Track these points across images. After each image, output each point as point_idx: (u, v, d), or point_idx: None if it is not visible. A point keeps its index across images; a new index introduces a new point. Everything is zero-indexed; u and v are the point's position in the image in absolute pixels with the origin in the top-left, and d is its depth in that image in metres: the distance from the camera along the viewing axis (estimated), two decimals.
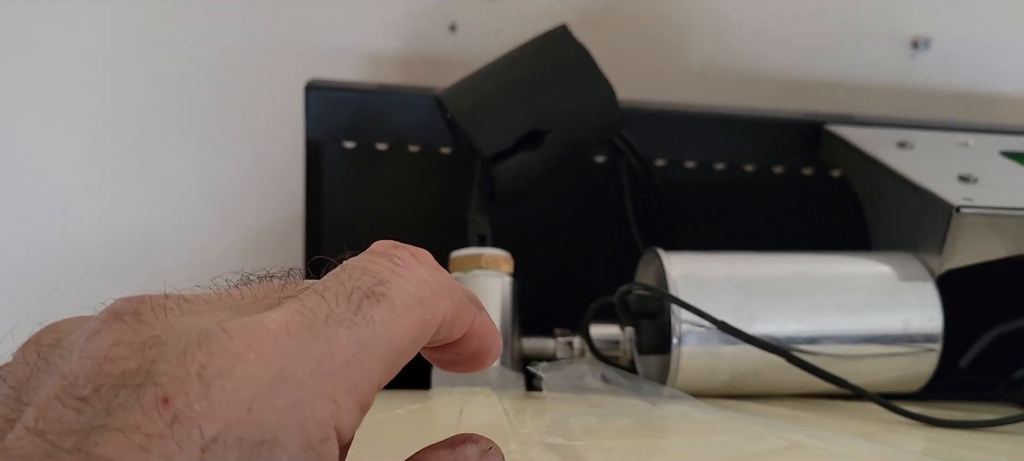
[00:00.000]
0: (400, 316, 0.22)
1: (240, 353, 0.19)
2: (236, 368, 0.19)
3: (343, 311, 0.21)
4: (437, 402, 0.46)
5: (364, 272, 0.23)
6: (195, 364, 0.19)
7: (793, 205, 0.68)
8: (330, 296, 0.22)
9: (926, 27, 0.79)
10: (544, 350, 0.54)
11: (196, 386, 0.18)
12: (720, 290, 0.49)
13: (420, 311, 0.23)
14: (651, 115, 0.66)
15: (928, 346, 0.50)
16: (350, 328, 0.21)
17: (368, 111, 0.63)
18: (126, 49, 0.73)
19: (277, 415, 0.19)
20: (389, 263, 0.23)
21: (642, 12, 0.76)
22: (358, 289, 0.22)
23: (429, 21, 0.75)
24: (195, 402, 0.18)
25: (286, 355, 0.20)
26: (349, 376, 0.21)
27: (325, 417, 0.20)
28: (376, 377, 0.22)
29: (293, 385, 0.19)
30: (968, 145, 0.62)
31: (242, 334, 0.20)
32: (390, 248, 0.24)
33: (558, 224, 0.68)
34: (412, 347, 0.23)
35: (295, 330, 0.20)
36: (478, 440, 0.28)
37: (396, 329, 0.22)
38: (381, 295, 0.22)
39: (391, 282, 0.23)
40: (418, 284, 0.23)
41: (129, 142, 0.76)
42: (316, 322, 0.21)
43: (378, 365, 0.22)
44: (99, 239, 0.79)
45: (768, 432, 0.44)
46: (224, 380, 0.19)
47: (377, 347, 0.21)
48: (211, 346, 0.19)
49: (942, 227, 0.50)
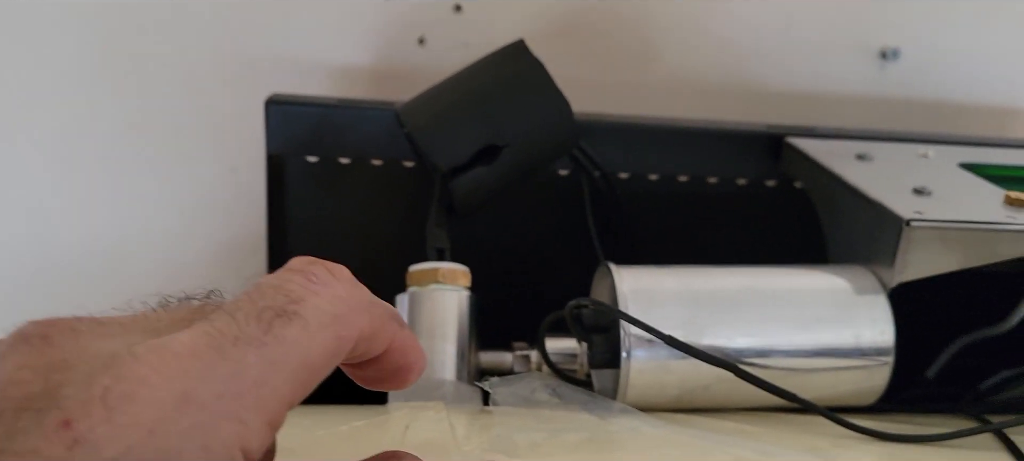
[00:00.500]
0: (313, 334, 0.22)
1: (145, 376, 0.19)
2: (140, 391, 0.19)
3: (253, 331, 0.21)
4: (383, 418, 0.46)
5: (277, 290, 0.23)
6: (99, 387, 0.19)
7: (756, 217, 0.68)
8: (241, 316, 0.22)
9: (894, 38, 0.79)
10: (501, 364, 0.54)
11: (99, 410, 0.19)
12: (670, 304, 0.49)
13: (335, 328, 0.23)
14: (613, 128, 0.66)
15: (880, 360, 0.50)
16: (260, 348, 0.21)
17: (330, 125, 0.64)
18: (94, 64, 0.74)
19: (180, 438, 0.19)
20: (304, 280, 0.23)
21: (610, 24, 0.76)
22: (269, 308, 0.22)
23: (397, 34, 0.76)
24: (97, 425, 0.18)
25: (191, 377, 0.20)
26: (258, 396, 0.21)
27: (231, 439, 0.20)
28: (287, 396, 0.22)
29: (197, 407, 0.20)
30: (928, 157, 0.63)
31: (148, 357, 0.20)
32: (306, 265, 0.24)
33: (521, 237, 0.68)
34: (327, 364, 0.23)
35: (202, 351, 0.20)
36: (404, 458, 0.28)
37: (309, 347, 0.22)
38: (294, 314, 0.22)
39: (305, 300, 0.23)
40: (333, 301, 0.23)
41: (97, 157, 0.76)
42: (224, 343, 0.21)
43: (289, 384, 0.22)
44: (67, 253, 0.79)
45: (715, 447, 0.44)
46: (127, 403, 0.19)
47: (288, 367, 0.22)
48: (117, 369, 0.19)
49: (894, 240, 0.50)
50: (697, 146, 0.67)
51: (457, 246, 0.55)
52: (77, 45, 0.73)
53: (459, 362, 0.52)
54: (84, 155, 0.76)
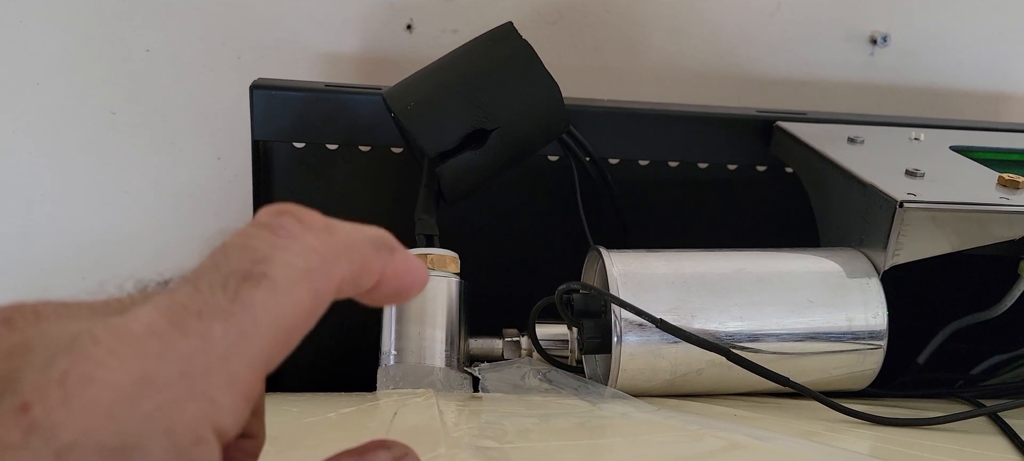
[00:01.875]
0: (285, 294, 0.21)
1: (102, 359, 0.19)
2: (97, 373, 0.18)
3: (218, 301, 0.20)
4: (372, 405, 0.45)
5: (243, 250, 0.21)
6: (57, 371, 0.18)
7: (747, 202, 0.67)
8: (204, 285, 0.20)
9: (884, 24, 0.78)
10: (491, 350, 0.54)
11: (56, 393, 0.18)
12: (661, 288, 0.48)
13: (309, 283, 0.21)
14: (604, 113, 0.65)
15: (873, 343, 0.50)
16: (226, 319, 0.20)
17: (317, 111, 0.63)
18: (82, 52, 0.73)
19: (141, 420, 0.19)
20: (271, 235, 0.22)
21: (601, 10, 0.76)
22: (235, 273, 0.20)
23: (386, 20, 0.75)
24: (53, 409, 0.18)
25: (151, 357, 0.19)
26: (227, 371, 0.20)
27: (197, 418, 0.19)
28: (261, 365, 0.21)
29: (158, 388, 0.19)
30: (919, 140, 0.62)
31: (106, 338, 0.19)
32: (273, 216, 0.22)
33: (511, 222, 0.67)
34: (305, 322, 0.22)
35: (161, 328, 0.19)
36: (391, 446, 0.27)
37: (282, 309, 0.21)
38: (261, 275, 0.21)
39: (273, 257, 0.21)
40: (305, 253, 0.22)
41: (86, 144, 0.75)
42: (186, 318, 0.20)
43: (262, 352, 0.20)
44: (56, 241, 0.78)
45: (707, 432, 0.44)
46: (84, 386, 0.18)
47: (259, 334, 0.20)
48: (75, 352, 0.19)
49: (887, 223, 0.49)
50: (687, 131, 0.67)
51: (446, 232, 0.54)
52: (61, 33, 0.72)
53: (449, 349, 0.51)
54: (68, 144, 0.75)
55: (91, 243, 0.78)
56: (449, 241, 0.54)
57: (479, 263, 0.55)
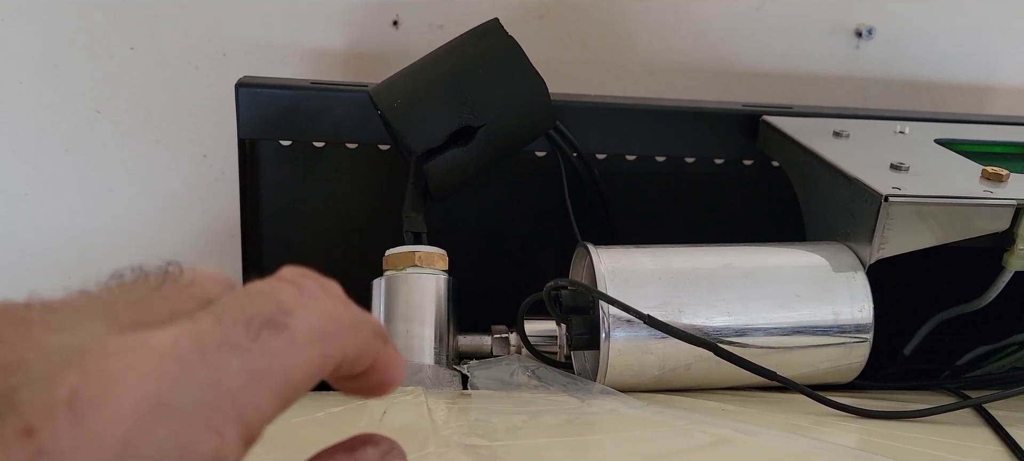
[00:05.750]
0: (300, 349, 0.21)
1: (117, 377, 0.18)
2: (111, 395, 0.17)
3: (240, 337, 0.20)
4: (361, 404, 0.45)
5: (268, 298, 0.21)
6: (64, 389, 0.17)
7: (734, 196, 0.68)
8: (228, 320, 0.20)
9: (869, 16, 0.79)
10: (480, 347, 0.54)
11: (64, 416, 0.17)
12: (649, 284, 0.48)
13: (322, 346, 0.22)
14: (590, 109, 0.65)
15: (859, 337, 0.50)
16: (244, 356, 0.20)
17: (303, 108, 0.63)
18: (65, 50, 0.72)
19: (156, 448, 0.18)
20: (296, 292, 0.22)
21: (587, 5, 0.76)
22: (259, 315, 0.21)
23: (372, 16, 0.75)
24: (62, 434, 0.17)
25: (169, 381, 0.18)
26: (236, 408, 0.19)
27: (207, 451, 0.19)
28: (267, 412, 0.20)
29: (175, 415, 0.18)
30: (904, 133, 0.63)
31: (123, 354, 0.18)
32: (299, 276, 0.23)
33: (499, 219, 0.67)
34: (309, 381, 0.22)
35: (184, 354, 0.19)
36: (379, 441, 0.27)
37: (295, 362, 0.21)
38: (283, 325, 0.21)
39: (295, 312, 0.21)
40: (323, 318, 0.22)
41: (70, 143, 0.75)
42: (207, 347, 0.19)
43: (270, 399, 0.20)
44: (40, 240, 0.78)
45: (695, 427, 0.44)
46: (97, 409, 0.17)
47: (271, 380, 0.20)
48: (85, 368, 0.18)
49: (872, 217, 0.50)
50: (674, 126, 0.67)
51: (434, 229, 0.54)
52: (45, 30, 0.71)
53: (437, 346, 0.51)
54: (52, 142, 0.75)
55: (76, 241, 0.78)
56: (437, 238, 0.54)
57: (467, 260, 0.55)
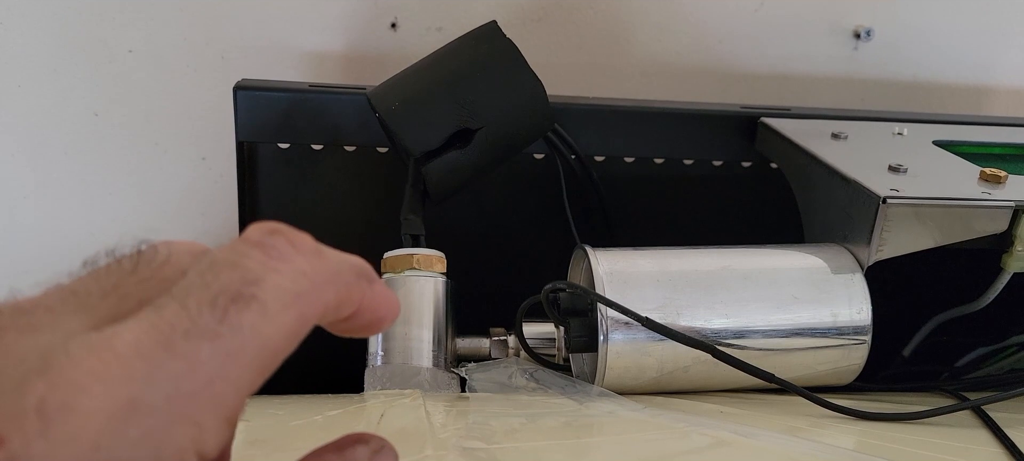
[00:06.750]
0: (273, 317, 0.20)
1: (84, 383, 0.17)
2: (80, 400, 0.17)
3: (206, 321, 0.19)
4: (359, 407, 0.45)
5: (233, 268, 0.21)
6: (33, 397, 0.17)
7: (732, 198, 0.68)
8: (192, 304, 0.20)
9: (867, 18, 0.79)
10: (478, 350, 0.54)
11: (34, 424, 0.17)
12: (647, 286, 0.48)
13: (297, 308, 0.21)
14: (588, 111, 0.65)
15: (858, 338, 0.50)
16: (214, 341, 0.19)
17: (301, 111, 0.63)
18: (64, 53, 0.72)
19: (129, 448, 0.18)
20: (263, 256, 0.21)
21: (585, 7, 0.76)
22: (224, 292, 0.20)
23: (370, 19, 0.74)
24: (32, 442, 0.17)
25: (138, 380, 0.18)
26: (213, 394, 0.19)
27: (185, 443, 0.19)
28: (246, 387, 0.20)
29: (146, 413, 0.18)
30: (902, 135, 0.63)
31: (87, 359, 0.18)
32: (265, 235, 0.22)
33: (497, 221, 0.67)
34: (289, 346, 0.21)
35: (148, 350, 0.18)
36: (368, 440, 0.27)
37: (269, 332, 0.20)
38: (251, 297, 0.20)
39: (263, 279, 0.21)
40: (296, 278, 0.21)
41: (69, 146, 0.75)
42: (173, 337, 0.19)
43: (247, 375, 0.20)
44: (39, 243, 0.77)
45: (693, 430, 0.44)
46: (66, 415, 0.17)
47: (246, 357, 0.20)
48: (52, 375, 0.17)
49: (870, 219, 0.50)
50: (672, 128, 0.67)
51: (432, 231, 0.54)
52: (43, 34, 0.71)
53: (436, 349, 0.51)
54: (51, 145, 0.75)
55: (75, 244, 0.78)
56: (435, 240, 0.54)
57: (465, 262, 0.55)
